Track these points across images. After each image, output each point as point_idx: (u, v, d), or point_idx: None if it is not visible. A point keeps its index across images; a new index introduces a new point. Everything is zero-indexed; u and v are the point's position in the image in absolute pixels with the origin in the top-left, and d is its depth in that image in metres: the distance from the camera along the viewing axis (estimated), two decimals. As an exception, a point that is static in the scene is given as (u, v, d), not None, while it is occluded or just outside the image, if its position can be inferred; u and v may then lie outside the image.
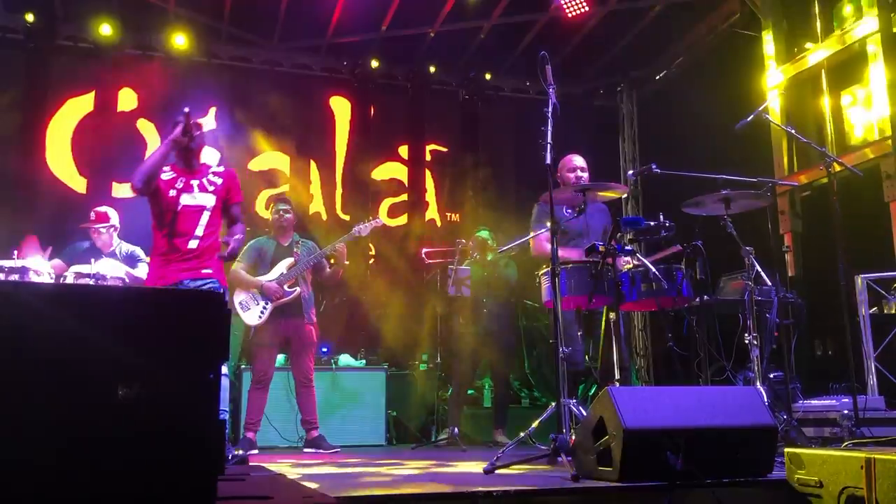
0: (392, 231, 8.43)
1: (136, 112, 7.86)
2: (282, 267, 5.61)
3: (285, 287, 5.55)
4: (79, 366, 1.97)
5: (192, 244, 4.05)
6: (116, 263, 5.27)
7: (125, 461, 1.97)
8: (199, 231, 4.08)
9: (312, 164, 8.58)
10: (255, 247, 5.76)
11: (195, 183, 4.15)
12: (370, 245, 8.16)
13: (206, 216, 4.11)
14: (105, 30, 7.55)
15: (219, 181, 4.23)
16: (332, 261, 5.71)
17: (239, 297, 5.54)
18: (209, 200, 4.14)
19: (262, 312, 5.49)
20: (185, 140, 4.06)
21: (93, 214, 5.51)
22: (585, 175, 5.02)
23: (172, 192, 4.10)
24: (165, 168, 4.15)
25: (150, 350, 2.05)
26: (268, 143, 7.98)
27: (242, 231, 4.25)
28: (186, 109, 4.08)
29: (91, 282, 4.88)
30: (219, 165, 4.35)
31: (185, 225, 4.06)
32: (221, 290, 4.07)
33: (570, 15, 7.18)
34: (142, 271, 5.38)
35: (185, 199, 4.10)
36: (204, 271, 4.02)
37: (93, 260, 5.04)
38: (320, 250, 5.72)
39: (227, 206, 4.25)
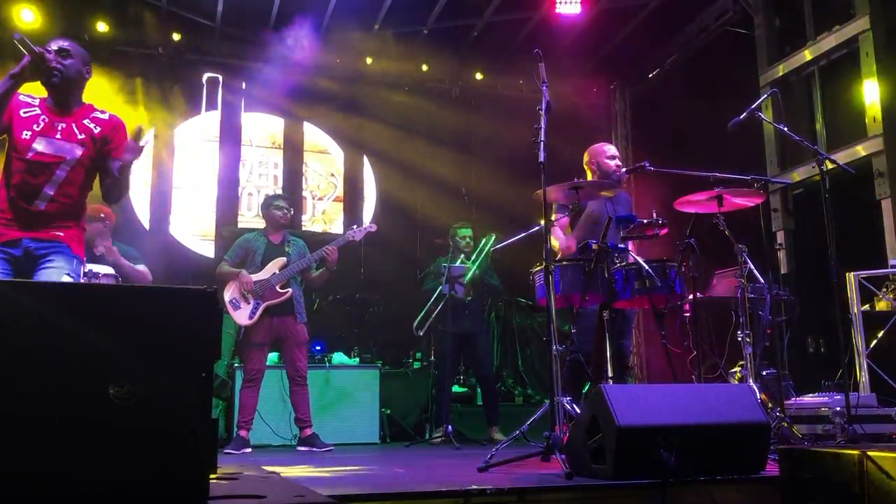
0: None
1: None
2: (274, 267, 5.58)
3: (278, 288, 5.53)
4: (70, 364, 1.96)
5: (39, 204, 3.29)
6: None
7: (117, 460, 1.96)
8: (50, 189, 3.30)
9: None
10: (243, 244, 5.72)
11: (60, 126, 3.35)
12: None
13: (62, 172, 3.33)
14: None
15: (95, 129, 3.42)
16: (321, 268, 5.68)
17: (229, 296, 5.52)
18: (72, 151, 3.34)
19: (252, 312, 5.47)
20: (35, 74, 3.21)
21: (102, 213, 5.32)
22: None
23: (26, 134, 3.28)
24: (30, 101, 3.37)
25: (141, 348, 2.04)
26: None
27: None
28: (17, 36, 3.14)
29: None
30: (104, 112, 3.50)
31: (32, 178, 3.27)
32: (74, 262, 3.38)
33: (557, 10, 7.18)
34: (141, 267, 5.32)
35: (40, 146, 3.29)
36: (54, 232, 3.32)
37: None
38: (310, 253, 5.69)
39: (105, 163, 3.45)
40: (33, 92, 3.45)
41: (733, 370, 4.86)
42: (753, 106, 4.57)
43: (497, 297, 6.54)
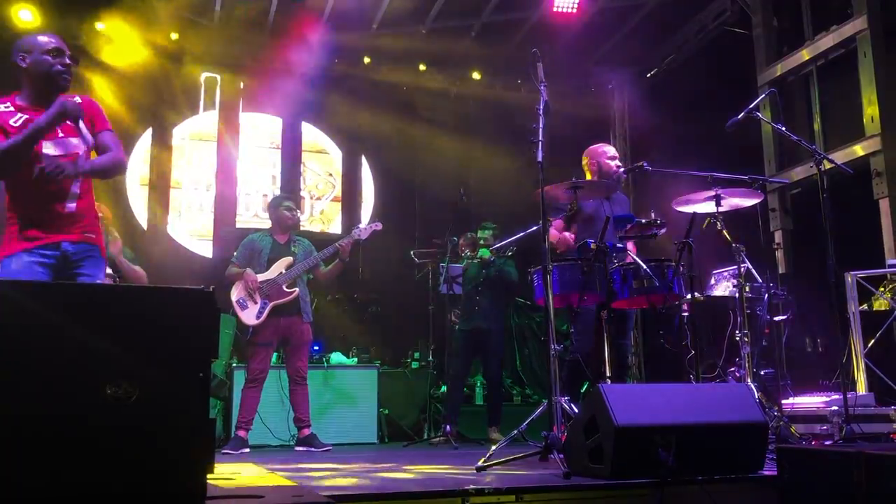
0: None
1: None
2: (280, 266, 5.58)
3: (284, 287, 5.53)
4: (67, 364, 1.96)
5: (70, 205, 3.27)
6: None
7: (114, 460, 1.96)
8: (76, 188, 3.28)
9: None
10: (248, 245, 5.72)
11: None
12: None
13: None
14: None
15: (82, 116, 3.39)
16: (331, 262, 5.67)
17: (236, 296, 5.51)
18: (78, 146, 3.32)
19: (260, 311, 5.47)
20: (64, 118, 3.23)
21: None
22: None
23: None
24: (8, 109, 3.28)
25: (138, 348, 2.03)
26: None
27: (112, 159, 3.38)
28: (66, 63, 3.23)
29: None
30: (74, 96, 3.43)
31: (55, 183, 3.18)
32: (102, 266, 3.40)
33: (555, 9, 7.19)
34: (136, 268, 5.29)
35: (48, 150, 3.22)
36: (87, 234, 3.31)
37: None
38: (317, 252, 5.69)
39: (94, 137, 3.42)
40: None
41: (731, 369, 4.86)
42: (751, 106, 4.57)
43: (512, 288, 6.45)
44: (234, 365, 6.32)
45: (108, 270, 5.01)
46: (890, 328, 5.02)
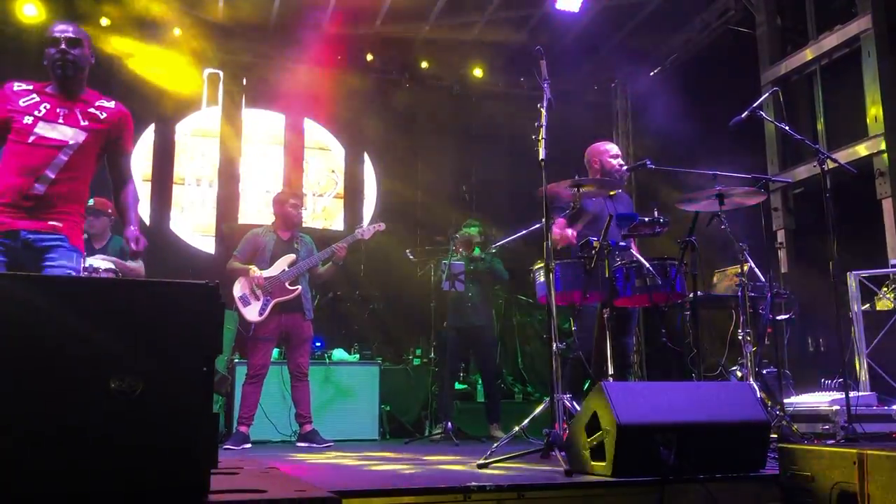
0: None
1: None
2: (283, 264, 5.58)
3: (287, 285, 5.53)
4: (71, 358, 1.96)
5: (38, 188, 3.21)
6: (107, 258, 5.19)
7: (117, 454, 1.96)
8: (51, 172, 3.23)
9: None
10: (251, 240, 5.72)
11: (62, 111, 3.33)
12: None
13: (64, 155, 3.27)
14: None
15: (101, 115, 3.41)
16: (327, 263, 5.70)
17: (239, 292, 5.52)
18: (76, 136, 3.31)
19: (262, 308, 5.47)
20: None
21: (93, 202, 5.28)
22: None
23: (28, 119, 3.27)
24: (27, 89, 3.35)
25: (143, 343, 2.03)
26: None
27: (136, 200, 3.52)
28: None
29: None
30: (109, 100, 3.52)
31: (32, 161, 3.21)
32: (75, 256, 3.34)
33: (558, 6, 7.20)
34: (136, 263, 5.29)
35: (42, 129, 3.26)
36: (51, 223, 3.24)
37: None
38: (318, 252, 5.70)
39: (112, 155, 3.48)
40: (31, 77, 3.45)
41: (733, 368, 4.86)
42: (755, 105, 4.57)
43: (502, 283, 6.48)
44: (236, 361, 6.32)
45: (111, 265, 5.01)
46: (892, 328, 5.02)
